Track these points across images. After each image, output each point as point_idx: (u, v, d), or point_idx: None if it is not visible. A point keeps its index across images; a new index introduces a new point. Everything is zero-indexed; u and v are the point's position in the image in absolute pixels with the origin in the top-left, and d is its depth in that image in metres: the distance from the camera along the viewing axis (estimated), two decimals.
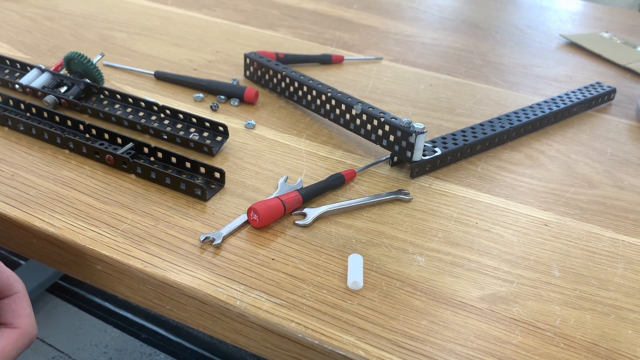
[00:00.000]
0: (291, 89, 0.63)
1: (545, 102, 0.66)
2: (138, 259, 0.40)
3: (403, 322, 0.37)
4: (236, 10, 0.96)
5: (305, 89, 0.61)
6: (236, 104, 0.63)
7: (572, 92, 0.70)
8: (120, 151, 0.49)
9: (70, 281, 1.37)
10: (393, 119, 0.52)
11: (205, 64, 0.73)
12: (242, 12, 0.95)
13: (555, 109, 0.65)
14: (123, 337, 1.28)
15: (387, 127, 0.52)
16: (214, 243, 0.42)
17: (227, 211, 0.46)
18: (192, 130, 0.55)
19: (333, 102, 0.57)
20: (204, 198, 0.47)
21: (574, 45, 0.95)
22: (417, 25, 0.98)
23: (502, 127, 0.59)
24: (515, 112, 0.63)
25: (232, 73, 0.71)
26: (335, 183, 0.50)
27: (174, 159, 0.50)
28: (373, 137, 0.54)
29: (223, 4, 0.98)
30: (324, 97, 0.58)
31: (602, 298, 0.41)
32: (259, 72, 0.68)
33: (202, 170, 0.49)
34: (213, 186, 0.48)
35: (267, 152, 0.55)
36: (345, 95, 0.57)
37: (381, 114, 0.53)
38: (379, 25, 0.96)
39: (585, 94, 0.69)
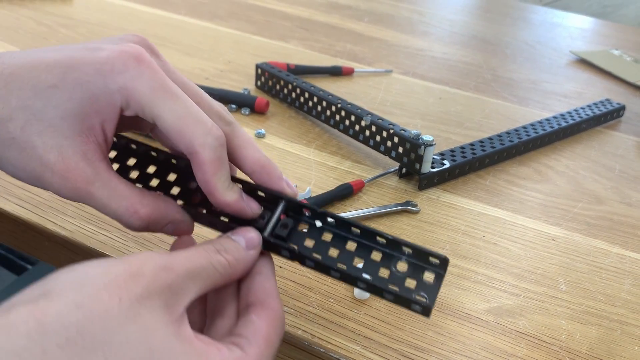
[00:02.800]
0: (301, 99, 0.64)
1: (555, 117, 0.66)
2: None
3: (409, 333, 0.38)
4: (248, 21, 0.97)
5: (315, 99, 0.61)
6: (247, 113, 0.64)
7: (582, 108, 0.70)
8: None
9: None
10: (402, 131, 0.53)
11: (217, 73, 0.74)
12: (254, 23, 0.96)
13: (564, 124, 0.65)
14: None
15: (396, 139, 0.53)
16: None
17: None
18: None
19: (343, 113, 0.58)
20: None
21: (583, 62, 0.95)
22: (428, 39, 0.99)
23: (511, 141, 0.60)
24: (524, 127, 0.63)
25: (243, 83, 0.72)
26: (344, 193, 0.50)
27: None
28: (382, 148, 0.55)
29: (235, 14, 1.00)
30: (334, 108, 0.59)
31: (609, 313, 0.41)
32: (270, 83, 0.68)
33: None
34: None
35: (276, 161, 0.55)
36: (355, 107, 0.57)
37: (390, 126, 0.53)
38: (389, 39, 0.97)
39: (595, 111, 0.70)
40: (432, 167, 0.53)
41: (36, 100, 0.29)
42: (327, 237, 0.33)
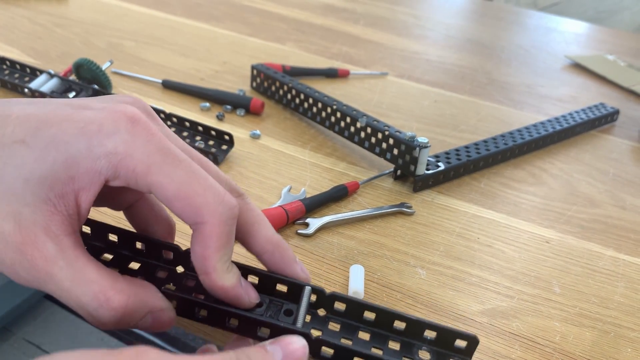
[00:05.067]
0: (297, 100, 0.63)
1: (549, 121, 0.67)
2: None
3: None
4: (244, 22, 0.97)
5: (310, 101, 0.61)
6: (242, 114, 0.64)
7: (576, 112, 0.70)
8: None
9: None
10: (397, 133, 0.52)
11: (212, 74, 0.74)
12: (250, 24, 0.96)
13: (558, 128, 0.65)
14: (119, 346, 1.28)
15: (391, 141, 0.53)
16: None
17: None
18: (198, 138, 0.55)
19: (338, 114, 0.58)
20: None
21: (578, 67, 0.95)
22: (423, 43, 0.99)
23: (506, 144, 0.60)
24: (519, 130, 0.63)
25: (238, 84, 0.72)
26: (339, 194, 0.50)
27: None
28: (377, 150, 0.55)
29: (231, 16, 0.99)
30: (329, 110, 0.59)
31: (602, 316, 0.41)
32: (266, 84, 0.68)
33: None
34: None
35: (271, 162, 0.55)
36: (351, 109, 0.57)
37: (385, 128, 0.53)
38: (385, 42, 0.97)
39: (589, 115, 0.70)
40: (427, 169, 0.53)
41: None
42: (335, 326, 0.30)
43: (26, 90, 0.61)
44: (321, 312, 0.30)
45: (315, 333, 0.28)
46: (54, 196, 0.25)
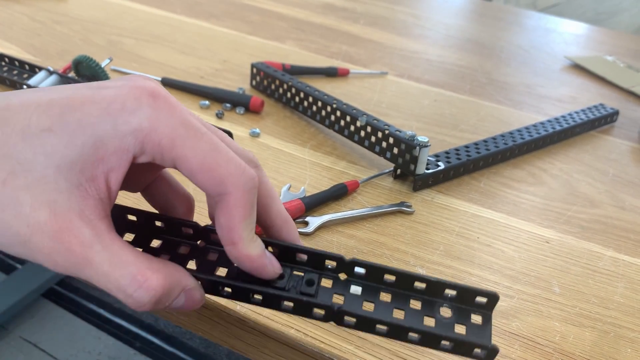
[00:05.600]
0: (297, 99, 0.63)
1: (549, 121, 0.67)
2: None
3: None
4: (244, 21, 0.97)
5: (310, 99, 0.61)
6: (242, 112, 0.63)
7: (575, 112, 0.70)
8: None
9: (66, 287, 1.37)
10: (397, 132, 0.52)
11: (212, 72, 0.74)
12: (250, 23, 0.96)
13: (558, 128, 0.65)
14: (117, 345, 1.28)
15: (391, 140, 0.53)
16: None
17: None
18: None
19: (338, 113, 0.58)
20: None
21: (578, 67, 0.95)
22: (423, 42, 0.99)
23: (505, 144, 0.60)
24: (518, 130, 0.63)
25: (238, 82, 0.72)
26: (338, 193, 0.50)
27: None
28: (377, 149, 0.54)
29: (231, 14, 0.99)
30: (329, 109, 0.59)
31: (602, 316, 0.41)
32: (265, 82, 0.68)
33: None
34: None
35: (270, 161, 0.55)
36: (351, 107, 0.57)
37: (386, 127, 0.53)
38: (384, 41, 0.97)
39: (589, 115, 0.70)
40: (427, 169, 0.53)
41: (25, 147, 0.25)
42: (357, 290, 0.30)
43: (24, 87, 0.60)
44: (342, 276, 0.30)
45: (338, 299, 0.29)
46: (85, 180, 0.25)
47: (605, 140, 0.69)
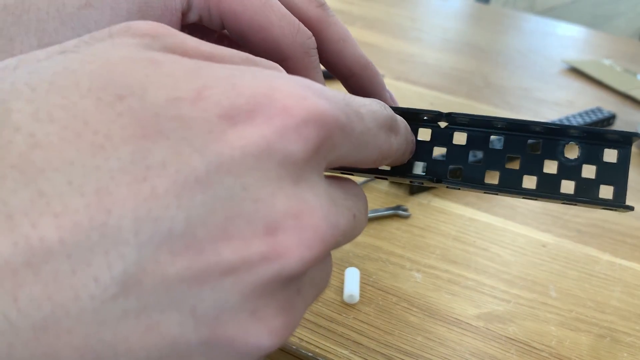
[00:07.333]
0: None
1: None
2: None
3: (398, 338, 0.37)
4: None
5: None
6: None
7: (573, 116, 0.70)
8: None
9: None
10: None
11: None
12: None
13: None
14: None
15: None
16: None
17: None
18: None
19: None
20: None
21: (575, 71, 0.95)
22: (420, 46, 0.99)
23: None
24: None
25: None
26: None
27: None
28: None
29: None
30: None
31: (599, 320, 0.41)
32: None
33: None
34: None
35: None
36: None
37: None
38: (381, 44, 0.97)
39: (586, 119, 0.70)
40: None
41: (64, 30, 0.22)
42: (461, 139, 0.26)
43: None
44: (442, 124, 0.26)
45: (439, 150, 0.26)
46: None
47: None
